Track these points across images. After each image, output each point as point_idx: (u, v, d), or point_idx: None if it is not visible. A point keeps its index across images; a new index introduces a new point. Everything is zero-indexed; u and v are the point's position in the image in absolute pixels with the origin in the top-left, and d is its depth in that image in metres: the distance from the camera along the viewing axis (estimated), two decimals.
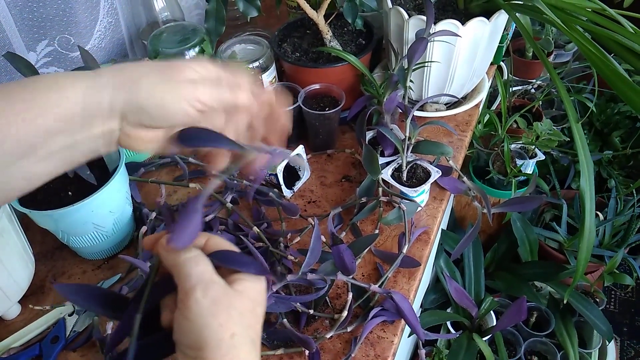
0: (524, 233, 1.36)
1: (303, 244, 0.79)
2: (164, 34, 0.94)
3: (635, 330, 1.70)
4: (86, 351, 0.70)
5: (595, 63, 0.72)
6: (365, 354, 0.66)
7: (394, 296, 0.66)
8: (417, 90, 0.97)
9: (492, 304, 1.31)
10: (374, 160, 0.79)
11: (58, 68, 0.93)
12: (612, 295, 1.80)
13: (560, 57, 1.81)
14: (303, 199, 0.87)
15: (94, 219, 0.72)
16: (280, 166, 0.83)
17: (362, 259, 0.77)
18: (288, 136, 0.49)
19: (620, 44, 0.73)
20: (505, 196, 1.35)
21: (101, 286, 0.76)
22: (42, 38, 0.88)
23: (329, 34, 0.92)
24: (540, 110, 1.46)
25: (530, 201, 0.78)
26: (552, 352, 1.35)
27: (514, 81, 1.69)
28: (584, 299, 1.28)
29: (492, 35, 0.89)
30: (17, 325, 0.72)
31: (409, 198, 0.79)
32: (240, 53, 0.94)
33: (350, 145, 0.95)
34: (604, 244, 1.39)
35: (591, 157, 0.73)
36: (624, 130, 1.55)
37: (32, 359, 0.69)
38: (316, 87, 0.91)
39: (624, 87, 0.70)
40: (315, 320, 0.70)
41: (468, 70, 0.92)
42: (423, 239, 0.79)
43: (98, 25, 0.97)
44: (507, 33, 1.07)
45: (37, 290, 0.77)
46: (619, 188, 1.46)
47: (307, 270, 0.63)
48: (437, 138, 0.95)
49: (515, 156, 1.32)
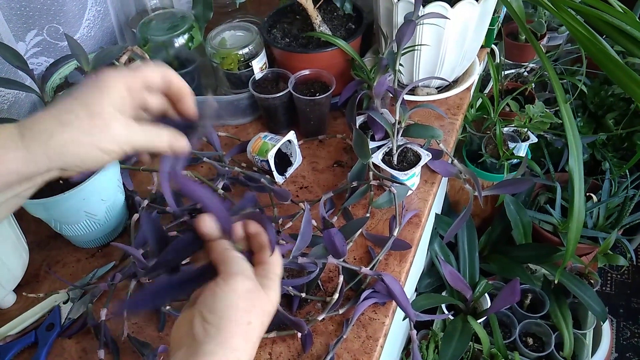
0: (517, 216, 1.37)
1: (295, 229, 0.79)
2: (153, 22, 0.94)
3: (631, 311, 1.71)
4: (81, 338, 0.70)
5: (584, 44, 0.72)
6: (357, 335, 0.67)
7: (385, 278, 0.67)
8: (407, 74, 0.97)
9: (486, 286, 1.32)
10: (364, 144, 0.80)
11: (48, 58, 0.93)
12: (608, 277, 1.81)
13: (553, 40, 1.81)
14: (295, 185, 0.87)
15: (86, 207, 0.72)
16: (272, 152, 0.83)
17: (353, 243, 0.77)
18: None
19: (610, 24, 0.72)
20: (498, 179, 1.36)
21: (94, 274, 0.77)
22: (31, 28, 0.88)
23: (318, 19, 0.92)
24: (532, 93, 1.46)
25: (522, 183, 0.79)
26: (547, 334, 1.36)
27: (506, 64, 1.69)
28: (578, 280, 1.29)
29: (482, 17, 0.89)
30: (13, 314, 0.73)
31: (400, 181, 0.79)
32: (230, 40, 0.94)
33: (342, 131, 0.95)
34: (598, 225, 1.40)
35: (583, 139, 0.73)
36: (618, 113, 1.55)
37: (28, 346, 0.70)
38: (306, 73, 0.91)
39: (614, 68, 0.70)
40: (307, 303, 0.71)
41: (458, 53, 0.92)
42: (414, 222, 0.79)
43: (87, 14, 0.97)
44: (497, 15, 1.07)
45: (32, 278, 0.78)
46: (613, 170, 1.47)
47: (298, 254, 0.63)
48: (429, 122, 0.95)
49: (508, 139, 1.32)
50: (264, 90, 0.91)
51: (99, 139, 0.41)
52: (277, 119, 0.94)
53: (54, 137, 0.40)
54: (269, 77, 0.94)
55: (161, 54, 0.94)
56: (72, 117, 0.40)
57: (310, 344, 0.66)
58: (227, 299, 0.40)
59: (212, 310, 0.40)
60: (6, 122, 0.70)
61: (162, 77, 0.46)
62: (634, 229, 1.50)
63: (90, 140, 0.41)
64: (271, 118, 0.94)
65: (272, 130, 0.95)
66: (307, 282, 0.67)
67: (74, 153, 0.41)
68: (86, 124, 0.40)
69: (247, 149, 0.87)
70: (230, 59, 0.91)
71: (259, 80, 0.94)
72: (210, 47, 0.92)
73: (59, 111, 0.41)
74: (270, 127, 0.96)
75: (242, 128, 0.99)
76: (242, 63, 0.92)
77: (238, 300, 0.40)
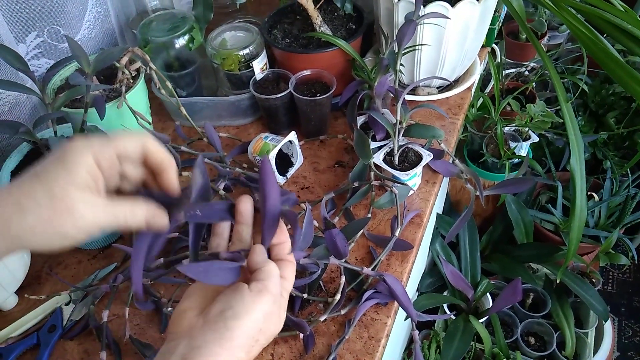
0: (518, 215, 1.37)
1: None
2: (153, 23, 0.94)
3: (633, 310, 1.71)
4: (83, 339, 0.70)
5: (585, 43, 0.72)
6: (359, 336, 0.67)
7: (387, 278, 0.67)
8: (408, 74, 0.97)
9: (488, 286, 1.32)
10: (365, 144, 0.80)
11: (49, 59, 0.93)
12: (609, 276, 1.81)
13: (554, 39, 1.81)
14: (296, 185, 0.87)
15: None
16: (273, 153, 0.83)
17: (355, 243, 0.77)
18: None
19: (611, 23, 0.72)
20: (500, 179, 1.36)
21: (96, 276, 0.77)
22: (31, 29, 0.88)
23: (319, 19, 0.92)
24: (533, 92, 1.46)
25: (523, 183, 0.79)
26: (549, 333, 1.36)
27: (507, 64, 1.69)
28: (580, 280, 1.29)
29: (483, 16, 0.89)
30: (15, 316, 0.73)
31: (401, 182, 0.79)
32: (231, 40, 0.94)
33: (343, 131, 0.95)
34: (600, 224, 1.40)
35: (584, 138, 0.73)
36: (618, 111, 1.55)
37: (30, 348, 0.70)
38: (307, 73, 0.91)
39: (615, 67, 0.70)
40: (309, 304, 0.71)
41: (459, 53, 0.92)
42: (416, 222, 0.79)
43: (87, 15, 0.97)
44: (498, 15, 1.07)
45: (34, 280, 0.78)
46: (614, 169, 1.47)
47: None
48: (429, 122, 0.95)
49: (509, 139, 1.32)
50: (264, 91, 0.91)
51: (60, 226, 0.38)
52: (278, 119, 0.93)
53: (12, 227, 0.37)
54: (269, 78, 0.94)
55: (162, 55, 0.94)
56: (32, 203, 0.37)
57: (313, 344, 0.66)
58: (252, 312, 0.41)
59: (222, 311, 0.41)
60: (6, 125, 0.71)
61: (140, 147, 0.42)
62: (635, 227, 1.50)
63: (51, 228, 0.38)
64: (272, 118, 0.94)
65: (273, 131, 0.95)
66: (309, 282, 0.67)
67: (34, 242, 0.38)
68: (46, 211, 0.37)
69: (248, 150, 0.87)
70: (231, 59, 0.91)
71: (259, 80, 0.94)
72: (210, 48, 0.92)
73: (20, 193, 0.38)
74: (271, 128, 0.96)
75: (243, 129, 0.99)
76: (243, 64, 0.92)
77: (260, 319, 0.41)
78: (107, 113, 0.75)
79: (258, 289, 0.42)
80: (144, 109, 0.90)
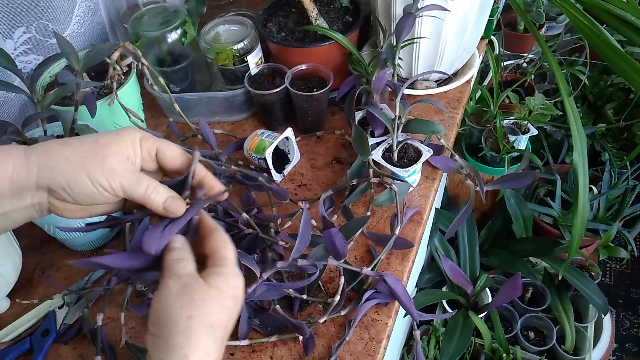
0: (517, 209, 1.36)
1: (294, 228, 0.78)
2: (144, 17, 0.92)
3: (631, 301, 1.71)
4: (77, 343, 0.69)
5: (586, 34, 0.71)
6: (359, 337, 0.66)
7: (387, 278, 0.65)
8: (406, 67, 0.95)
9: (487, 281, 1.31)
10: (363, 141, 0.78)
11: (37, 55, 0.90)
12: (607, 267, 1.81)
13: (552, 30, 1.79)
14: (293, 183, 0.86)
15: None
16: (269, 150, 0.81)
17: (354, 242, 0.76)
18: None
19: (612, 13, 0.71)
20: (499, 173, 1.34)
21: (89, 278, 0.75)
22: (19, 25, 0.85)
23: (315, 11, 0.89)
24: (532, 85, 1.44)
25: (524, 178, 0.77)
26: (549, 327, 1.36)
27: (505, 56, 1.67)
28: (579, 274, 1.28)
29: (482, 8, 0.87)
30: (7, 320, 0.71)
31: (401, 178, 0.78)
32: (224, 34, 0.92)
33: (340, 127, 0.94)
34: (599, 217, 1.39)
35: (584, 131, 0.72)
36: (617, 103, 1.54)
37: (23, 353, 0.68)
38: (303, 68, 0.89)
39: (616, 58, 0.68)
40: (308, 305, 0.70)
41: (458, 46, 0.90)
42: (416, 219, 0.78)
43: (76, 9, 0.94)
44: (497, 6, 1.05)
45: (26, 283, 0.76)
46: (613, 161, 1.46)
47: (297, 256, 0.62)
48: (428, 116, 0.93)
49: (508, 132, 1.30)
50: (260, 86, 0.89)
51: (91, 166, 0.41)
52: (274, 115, 0.92)
53: (51, 151, 0.41)
54: (264, 73, 0.92)
55: (154, 50, 0.91)
56: (77, 141, 0.42)
57: (312, 346, 0.65)
58: (161, 305, 0.39)
59: (154, 322, 0.40)
60: None
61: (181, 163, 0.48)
62: (633, 220, 1.50)
63: (83, 164, 0.41)
64: (268, 114, 0.92)
65: (268, 127, 0.93)
66: (307, 284, 0.66)
67: (62, 171, 0.41)
68: (86, 149, 0.42)
69: (243, 147, 0.85)
70: (224, 54, 0.89)
71: (254, 75, 0.91)
72: (204, 42, 0.90)
73: (71, 138, 0.43)
74: (267, 124, 0.94)
75: (238, 125, 0.97)
76: (237, 58, 0.90)
77: (172, 301, 0.39)
78: (98, 111, 0.73)
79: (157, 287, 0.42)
80: (136, 106, 0.87)
